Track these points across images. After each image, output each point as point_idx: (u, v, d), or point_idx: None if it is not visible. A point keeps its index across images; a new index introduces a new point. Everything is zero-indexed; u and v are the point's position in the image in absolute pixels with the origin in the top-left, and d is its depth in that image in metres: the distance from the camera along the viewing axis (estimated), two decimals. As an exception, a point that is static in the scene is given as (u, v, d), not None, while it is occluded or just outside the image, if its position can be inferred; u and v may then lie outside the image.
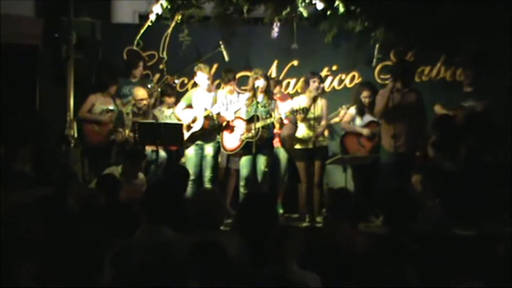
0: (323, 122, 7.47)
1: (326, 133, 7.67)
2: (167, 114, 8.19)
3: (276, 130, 7.66)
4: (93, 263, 3.78)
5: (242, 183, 7.42)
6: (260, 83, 7.31)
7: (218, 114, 7.54)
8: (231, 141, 7.49)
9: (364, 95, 7.70)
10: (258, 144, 7.24)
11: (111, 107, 8.11)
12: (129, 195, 6.72)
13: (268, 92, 7.41)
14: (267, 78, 7.49)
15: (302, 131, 7.47)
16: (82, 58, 8.15)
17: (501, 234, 5.91)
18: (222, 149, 7.65)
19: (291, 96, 8.20)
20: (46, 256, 3.80)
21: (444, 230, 6.39)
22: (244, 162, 7.41)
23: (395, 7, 7.53)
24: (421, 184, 7.23)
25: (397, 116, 7.20)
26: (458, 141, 7.25)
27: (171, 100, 8.27)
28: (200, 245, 3.32)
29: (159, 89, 8.26)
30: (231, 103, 7.43)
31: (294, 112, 7.10)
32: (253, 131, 7.21)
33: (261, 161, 7.36)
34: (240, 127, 7.43)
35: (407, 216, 4.18)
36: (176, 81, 8.41)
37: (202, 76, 7.72)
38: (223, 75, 7.81)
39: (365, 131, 7.68)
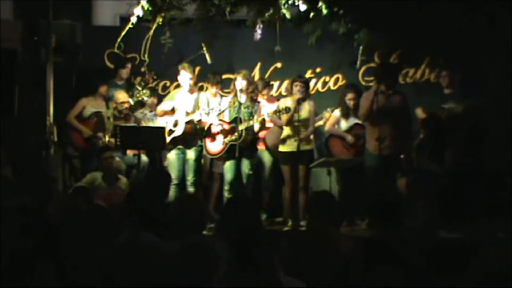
0: (311, 127, 7.40)
1: (311, 136, 7.60)
2: (149, 117, 8.11)
3: (261, 134, 7.60)
4: (75, 271, 3.72)
5: (226, 187, 7.36)
6: (240, 83, 7.24)
7: (199, 120, 7.47)
8: (214, 144, 7.43)
9: (349, 97, 7.66)
10: (242, 147, 7.17)
11: (102, 110, 8.01)
12: (111, 199, 6.68)
13: (250, 93, 7.33)
14: (248, 79, 7.41)
15: (287, 134, 7.40)
16: (62, 61, 8.06)
17: (488, 237, 5.88)
18: (205, 153, 7.56)
19: (278, 99, 8.14)
20: (28, 264, 3.73)
21: (430, 233, 6.36)
22: (228, 166, 7.35)
23: (378, 8, 7.48)
24: (407, 187, 7.19)
25: (382, 119, 7.15)
26: (444, 143, 7.23)
27: (152, 101, 8.20)
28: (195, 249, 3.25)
29: (147, 92, 8.17)
30: (213, 110, 7.36)
31: (277, 112, 7.05)
32: (236, 134, 7.14)
33: (246, 164, 7.31)
34: (223, 130, 7.35)
35: (393, 219, 4.12)
36: (154, 78, 8.32)
37: (185, 76, 7.62)
38: (211, 77, 7.72)
39: (349, 138, 7.64)
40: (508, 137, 7.31)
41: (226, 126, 7.35)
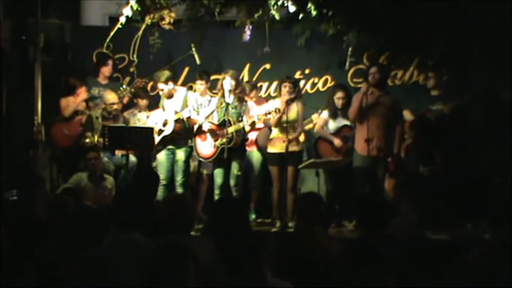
0: (299, 128, 7.40)
1: (302, 138, 7.60)
2: (139, 117, 8.09)
3: (250, 135, 7.61)
4: (60, 272, 3.70)
5: (217, 191, 7.35)
6: (228, 83, 7.24)
7: (189, 117, 7.45)
8: (205, 147, 7.40)
9: (338, 96, 7.66)
10: (232, 148, 7.16)
11: (83, 109, 7.98)
12: (98, 200, 6.68)
13: (237, 93, 7.33)
14: (236, 79, 7.41)
15: (276, 134, 7.41)
16: (50, 61, 8.02)
17: (476, 239, 5.89)
18: (197, 156, 7.55)
19: (267, 100, 8.13)
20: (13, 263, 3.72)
21: (418, 235, 6.38)
22: (219, 171, 7.34)
23: (367, 10, 7.50)
24: (395, 189, 7.21)
25: (371, 120, 7.16)
26: (432, 145, 7.25)
27: (143, 102, 8.18)
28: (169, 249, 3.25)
29: (131, 90, 8.12)
30: (202, 106, 7.35)
31: (267, 113, 7.05)
32: (227, 136, 7.11)
33: (234, 165, 7.30)
34: (212, 132, 7.34)
35: (380, 220, 4.13)
36: (144, 83, 8.28)
37: (161, 86, 7.62)
38: (199, 72, 7.74)
39: (337, 142, 7.63)
40: (496, 136, 7.34)
41: (216, 128, 7.34)
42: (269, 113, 7.07)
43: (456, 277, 3.61)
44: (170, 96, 7.64)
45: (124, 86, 8.12)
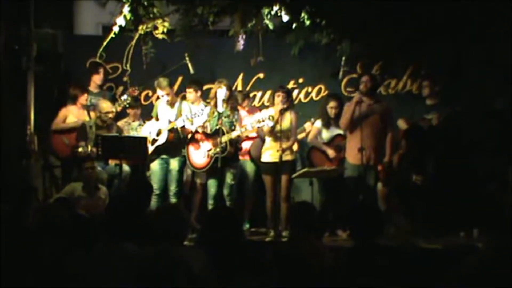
0: (292, 137, 7.39)
1: (295, 147, 7.60)
2: (134, 126, 8.08)
3: (244, 145, 7.61)
4: (52, 279, 3.69)
5: (210, 201, 7.33)
6: (222, 92, 7.24)
7: (183, 127, 7.44)
8: (199, 157, 7.38)
9: (331, 106, 7.66)
10: (225, 157, 7.15)
11: (85, 120, 7.96)
12: (92, 210, 6.65)
13: (230, 103, 7.33)
14: (230, 89, 7.41)
15: (269, 144, 7.39)
16: (43, 70, 8.00)
17: (469, 247, 5.90)
18: (190, 166, 7.52)
19: (260, 109, 8.13)
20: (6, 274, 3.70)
21: (411, 244, 6.37)
22: (212, 181, 7.32)
23: (360, 19, 7.52)
24: (388, 197, 7.21)
25: (362, 129, 7.16)
26: (425, 154, 7.26)
27: (134, 112, 8.17)
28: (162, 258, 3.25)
29: (131, 101, 8.11)
30: (196, 116, 7.33)
31: (261, 120, 7.03)
32: (221, 146, 7.10)
33: (228, 174, 7.29)
34: (206, 142, 7.32)
35: (374, 229, 4.12)
36: (137, 91, 8.27)
37: (160, 93, 7.63)
38: (188, 81, 7.76)
39: (330, 152, 7.64)
40: (490, 144, 7.36)
41: (209, 138, 7.32)
42: (263, 120, 7.06)
43: (449, 286, 3.60)
44: (173, 104, 7.63)
45: (124, 97, 8.08)
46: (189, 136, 7.48)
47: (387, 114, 7.34)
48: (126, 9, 7.92)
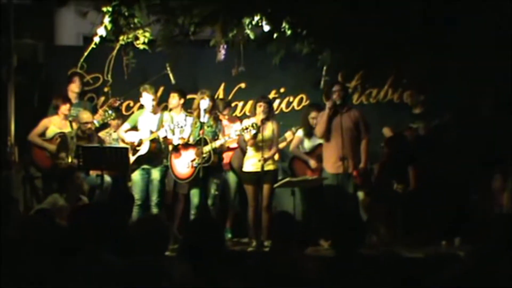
0: (274, 147, 7.39)
1: (276, 157, 7.60)
2: (115, 137, 8.05)
3: (226, 155, 7.60)
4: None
5: (193, 211, 7.31)
6: (205, 103, 7.23)
7: (165, 137, 7.41)
8: (182, 167, 7.35)
9: (312, 116, 7.69)
10: (208, 167, 7.13)
11: (66, 130, 7.90)
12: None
13: (213, 113, 7.32)
14: (213, 99, 7.41)
15: (251, 154, 7.39)
16: (23, 81, 7.96)
17: (450, 256, 5.92)
18: (174, 177, 7.48)
19: (240, 118, 8.13)
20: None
21: (393, 253, 6.38)
22: (195, 191, 7.30)
23: (341, 29, 7.55)
24: (370, 206, 7.22)
25: (336, 137, 7.18)
26: (408, 162, 7.29)
27: (116, 122, 8.13)
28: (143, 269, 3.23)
29: (113, 117, 8.06)
30: (178, 126, 7.31)
31: (245, 129, 7.03)
32: (204, 156, 7.08)
33: (212, 185, 7.30)
34: (188, 152, 7.30)
35: (355, 239, 4.12)
36: (119, 102, 8.23)
37: (147, 97, 7.61)
38: (174, 89, 7.73)
39: (312, 162, 7.66)
40: (472, 154, 7.40)
41: (192, 148, 7.30)
42: (247, 128, 7.06)
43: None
44: (155, 112, 7.60)
45: (109, 112, 8.03)
46: (171, 146, 7.45)
47: (361, 121, 7.35)
48: (107, 19, 7.90)
